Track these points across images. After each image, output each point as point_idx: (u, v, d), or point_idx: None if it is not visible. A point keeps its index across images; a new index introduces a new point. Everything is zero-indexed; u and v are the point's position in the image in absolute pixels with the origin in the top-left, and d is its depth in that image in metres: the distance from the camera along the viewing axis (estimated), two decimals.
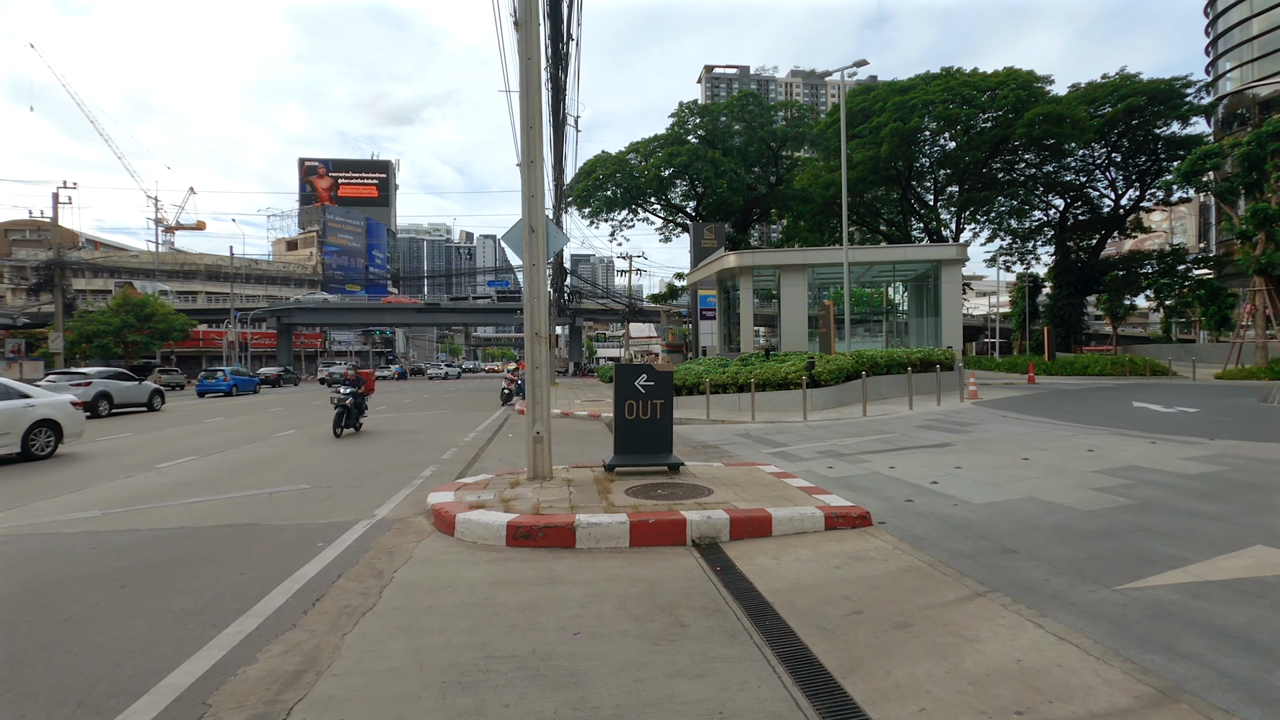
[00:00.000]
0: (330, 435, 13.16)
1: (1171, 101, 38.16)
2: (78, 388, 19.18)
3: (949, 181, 44.14)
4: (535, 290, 7.07)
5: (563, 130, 17.81)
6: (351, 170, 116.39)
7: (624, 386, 7.37)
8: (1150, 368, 24.24)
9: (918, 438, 9.85)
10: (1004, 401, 15.50)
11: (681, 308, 55.63)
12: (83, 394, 18.76)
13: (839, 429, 11.60)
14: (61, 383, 19.75)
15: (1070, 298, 45.26)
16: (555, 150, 17.81)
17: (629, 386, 7.37)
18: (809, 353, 17.84)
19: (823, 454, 9.07)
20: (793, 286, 21.05)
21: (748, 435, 11.71)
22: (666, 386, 7.47)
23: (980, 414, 12.56)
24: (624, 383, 7.38)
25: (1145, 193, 43.67)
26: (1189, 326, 69.10)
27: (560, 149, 19.55)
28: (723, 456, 9.42)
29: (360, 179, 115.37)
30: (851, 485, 7.00)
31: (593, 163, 36.73)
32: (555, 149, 16.80)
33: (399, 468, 9.17)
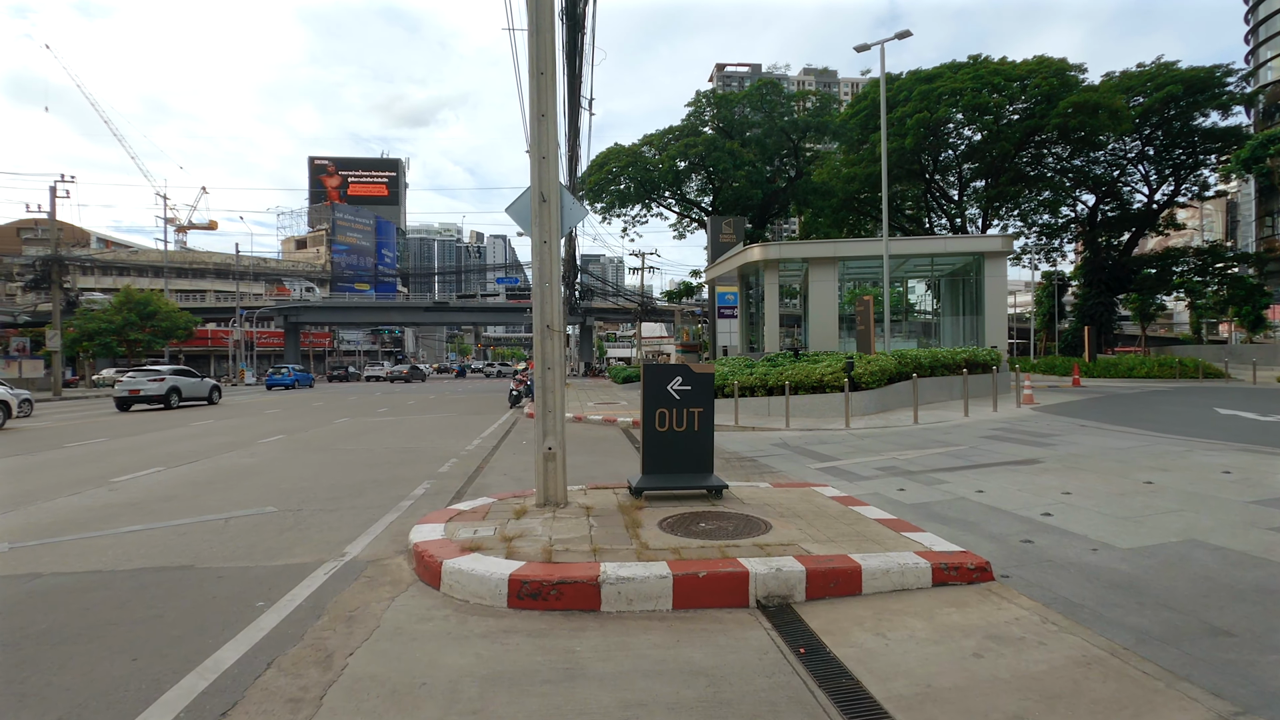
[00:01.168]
0: (323, 442, 11.94)
1: (1210, 91, 36.34)
2: (154, 382, 21.91)
3: (974, 176, 42.48)
4: (547, 272, 5.75)
5: (577, 114, 16.45)
6: (361, 169, 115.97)
7: (654, 392, 6.03)
8: (1203, 370, 22.59)
9: (993, 451, 8.45)
10: (1066, 407, 14.02)
11: (695, 306, 54.23)
12: (158, 388, 21.72)
13: (891, 439, 10.21)
14: (140, 378, 22.24)
15: (1100, 297, 43.43)
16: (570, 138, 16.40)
17: (660, 392, 6.04)
18: (840, 353, 16.43)
19: (885, 471, 7.69)
20: (821, 281, 19.59)
21: (785, 445, 10.34)
22: (706, 392, 6.13)
23: (1051, 422, 11.11)
24: (654, 387, 6.04)
25: (1180, 187, 41.82)
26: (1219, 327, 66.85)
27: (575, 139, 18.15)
28: (764, 473, 8.06)
29: (370, 177, 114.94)
30: (939, 516, 5.62)
31: (605, 155, 35.40)
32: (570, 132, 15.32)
33: (387, 484, 7.88)
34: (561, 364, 5.86)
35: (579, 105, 16.53)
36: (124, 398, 21.89)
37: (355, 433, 13.92)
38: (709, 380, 6.16)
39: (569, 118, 15.59)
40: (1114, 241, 45.16)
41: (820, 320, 19.50)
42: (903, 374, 14.15)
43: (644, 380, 6.08)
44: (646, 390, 6.06)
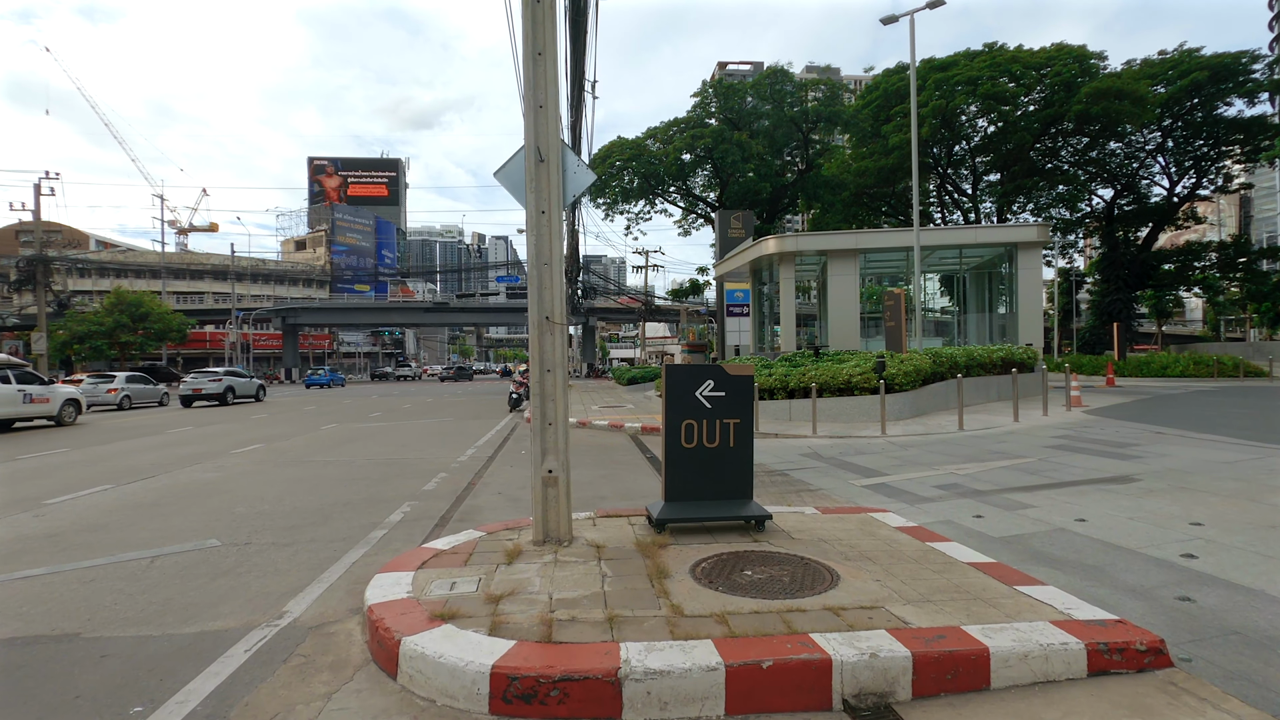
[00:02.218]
0: (301, 454, 10.81)
1: (1236, 78, 35.04)
2: (213, 382, 25.59)
3: (988, 169, 41.24)
4: (546, 250, 4.59)
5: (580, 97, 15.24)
6: (361, 169, 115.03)
7: (679, 399, 4.87)
8: (1244, 369, 21.31)
9: (1069, 465, 7.25)
10: (1123, 410, 12.78)
11: (700, 305, 53.04)
12: (216, 387, 25.51)
13: (939, 449, 9.01)
14: (202, 379, 25.87)
15: (1119, 293, 42.09)
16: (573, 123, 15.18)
17: (686, 399, 4.87)
18: (862, 352, 15.23)
19: (947, 490, 6.51)
20: (841, 275, 18.37)
21: (817, 455, 9.16)
22: (744, 399, 4.96)
23: (1119, 429, 9.86)
24: (678, 394, 4.87)
25: (1202, 180, 40.49)
26: (1238, 324, 65.46)
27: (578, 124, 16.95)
28: (802, 491, 6.88)
29: (369, 178, 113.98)
30: (1045, 556, 4.44)
31: (608, 148, 34.17)
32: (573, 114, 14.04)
33: (362, 506, 6.72)
34: (564, 364, 4.69)
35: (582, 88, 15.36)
36: (188, 395, 25.20)
37: (341, 440, 12.77)
38: (748, 385, 4.98)
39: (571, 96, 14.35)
40: (1132, 236, 43.85)
41: (840, 317, 18.27)
42: (938, 375, 12.94)
43: (666, 385, 4.90)
44: (670, 397, 4.89)
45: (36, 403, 16.31)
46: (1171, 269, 43.49)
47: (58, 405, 16.92)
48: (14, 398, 15.68)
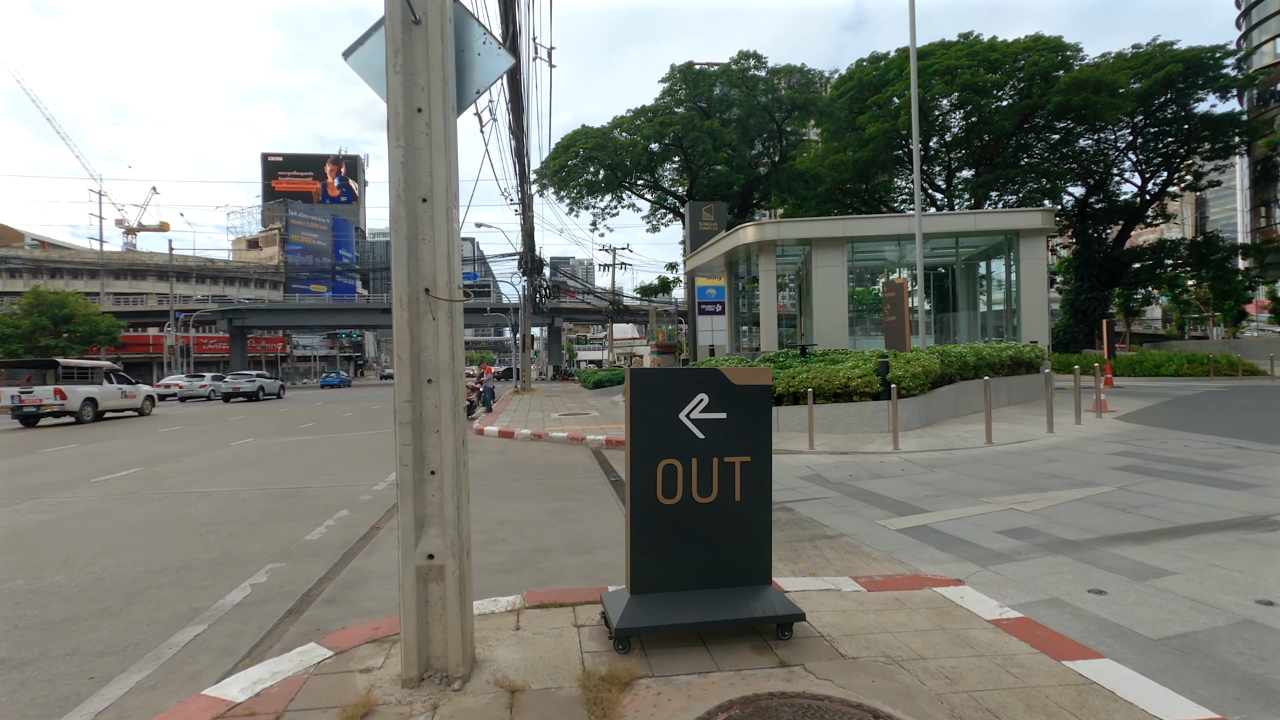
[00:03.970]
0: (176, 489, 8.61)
1: (1208, 73, 34.72)
2: (248, 383, 33.65)
3: (963, 165, 40.40)
4: (424, 179, 2.68)
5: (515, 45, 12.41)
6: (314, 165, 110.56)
7: (653, 424, 3.00)
8: (1241, 367, 20.36)
9: (1165, 499, 5.53)
10: (1160, 415, 11.27)
11: (669, 304, 51.29)
12: (251, 386, 33.55)
13: (974, 470, 7.29)
14: (240, 380, 33.88)
15: (1093, 291, 41.64)
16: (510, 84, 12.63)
17: (664, 424, 3.01)
18: (853, 350, 13.56)
19: (1020, 539, 4.76)
20: (828, 267, 16.67)
21: (821, 479, 7.37)
22: (758, 423, 3.11)
23: (1183, 442, 8.22)
24: (653, 415, 3.01)
25: (1173, 177, 40.29)
26: (1200, 323, 66.37)
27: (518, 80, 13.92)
28: (818, 540, 5.06)
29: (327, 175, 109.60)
30: (1255, 683, 2.64)
31: (571, 137, 32.08)
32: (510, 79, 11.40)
33: (200, 573, 4.69)
34: (457, 372, 2.74)
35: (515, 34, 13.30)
36: (228, 393, 33.13)
37: (245, 460, 10.55)
38: (763, 403, 3.12)
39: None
40: (1103, 234, 43.55)
41: (827, 313, 16.58)
42: (946, 377, 11.31)
43: (632, 401, 3.00)
44: (639, 422, 2.99)
45: (128, 398, 21.03)
46: (1141, 267, 43.29)
47: (141, 399, 21.64)
48: (114, 394, 20.46)
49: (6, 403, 18.21)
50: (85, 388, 19.22)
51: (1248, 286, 50.23)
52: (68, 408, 18.22)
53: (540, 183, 34.43)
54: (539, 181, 34.26)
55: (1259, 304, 62.33)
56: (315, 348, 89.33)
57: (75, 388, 18.79)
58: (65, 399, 18.16)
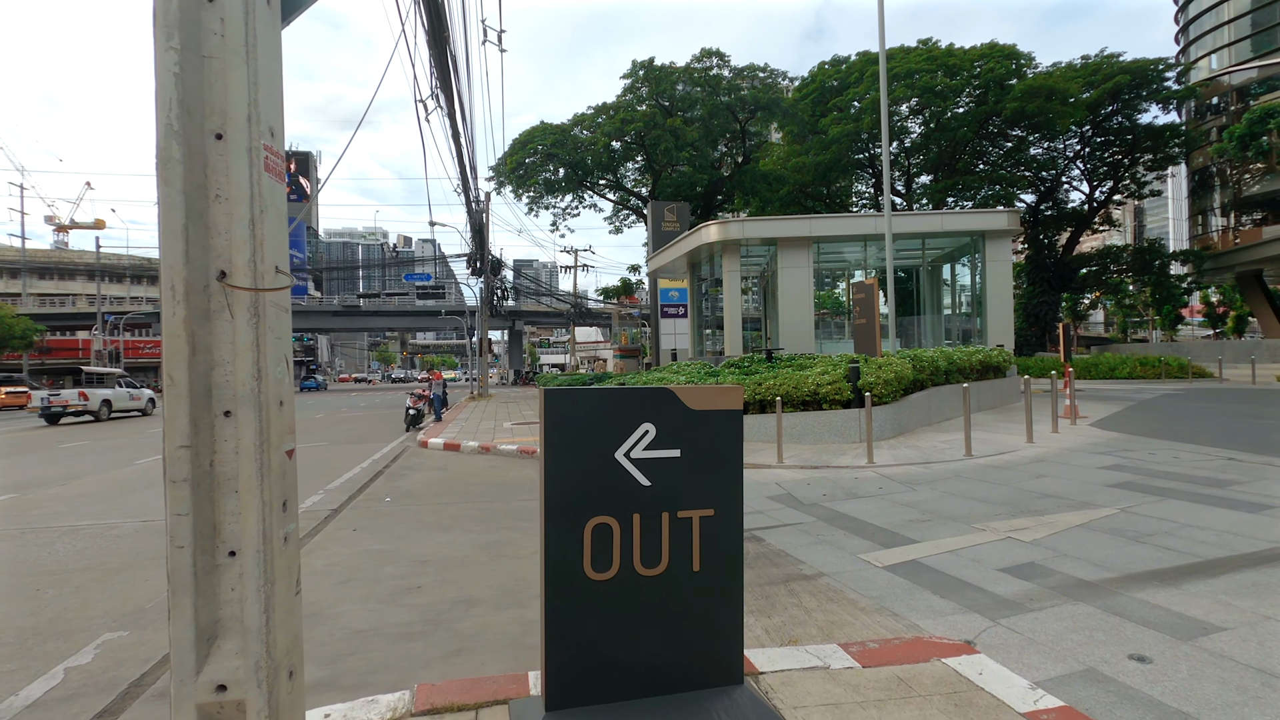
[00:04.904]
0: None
1: (1152, 85, 35.78)
2: None
3: (921, 170, 40.77)
4: (218, 103, 1.71)
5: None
6: None
7: (578, 464, 2.13)
8: (1191, 370, 20.63)
9: (1177, 523, 4.89)
10: (1131, 421, 10.90)
11: (633, 307, 50.50)
12: None
13: (958, 487, 6.64)
14: None
15: (1045, 295, 42.52)
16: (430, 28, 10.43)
17: (597, 465, 2.14)
18: (823, 355, 12.95)
19: (1027, 578, 4.08)
20: (794, 268, 16.07)
21: (793, 500, 6.62)
22: (726, 461, 2.25)
23: (1171, 453, 7.68)
24: (577, 449, 2.14)
25: (1118, 185, 41.47)
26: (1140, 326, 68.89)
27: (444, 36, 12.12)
28: (792, 580, 4.29)
29: None
30: None
31: (529, 134, 30.98)
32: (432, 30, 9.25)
33: (10, 650, 3.62)
34: (269, 399, 1.80)
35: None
36: None
37: (141, 484, 9.27)
38: (731, 430, 2.28)
39: None
40: (1054, 240, 44.58)
41: (792, 315, 15.99)
42: (918, 383, 10.76)
43: (547, 432, 2.12)
44: (555, 461, 2.12)
45: (135, 400, 24.43)
46: (1089, 272, 44.43)
47: (144, 401, 25.12)
48: (125, 396, 23.84)
49: (37, 403, 21.40)
50: (103, 391, 23.01)
51: (1184, 291, 52.33)
52: (89, 408, 21.72)
53: (497, 180, 33.24)
54: (495, 179, 33.06)
55: (1193, 308, 65.21)
56: None
57: (96, 391, 22.50)
58: (87, 400, 21.70)
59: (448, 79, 8.87)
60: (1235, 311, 57.65)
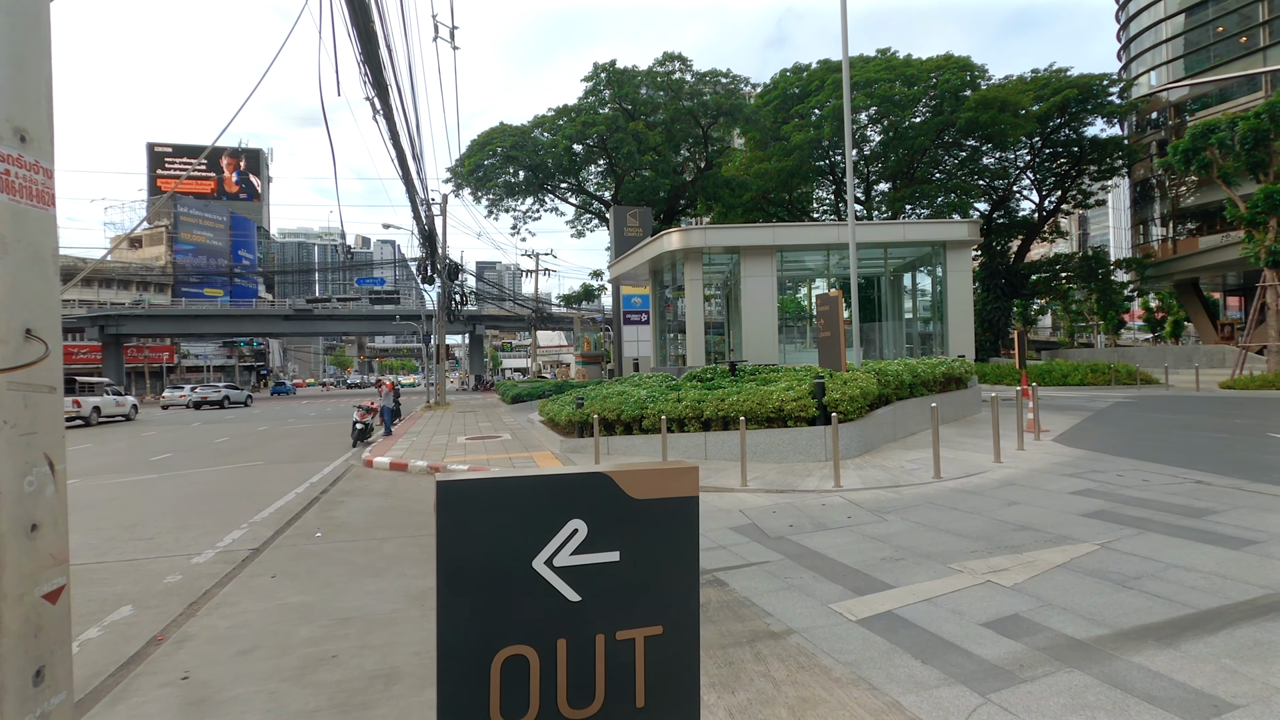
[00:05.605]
0: None
1: (1097, 100, 37.03)
2: (215, 393, 38.79)
3: (880, 178, 41.34)
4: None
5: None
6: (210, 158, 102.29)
7: (483, 577, 1.61)
8: (1139, 377, 21.15)
9: (1162, 564, 4.53)
10: (1091, 436, 10.83)
11: (597, 312, 49.92)
12: (217, 395, 38.62)
13: (930, 517, 6.31)
14: (207, 391, 39.36)
15: (998, 301, 43.59)
16: None
17: (508, 577, 1.64)
18: (787, 367, 12.66)
19: (1013, 636, 3.74)
20: (757, 277, 15.79)
21: (758, 532, 6.21)
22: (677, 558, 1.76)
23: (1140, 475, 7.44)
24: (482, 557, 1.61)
25: (1066, 195, 42.81)
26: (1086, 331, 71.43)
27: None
28: (757, 639, 3.86)
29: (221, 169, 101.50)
30: None
31: (488, 134, 30.14)
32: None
33: None
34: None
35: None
36: (197, 401, 37.45)
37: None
38: (685, 523, 1.80)
39: None
40: (1006, 248, 45.78)
41: (756, 325, 15.70)
42: (883, 397, 10.53)
43: (442, 535, 1.59)
44: (452, 574, 1.59)
45: (120, 407, 27.51)
46: (1039, 279, 45.73)
47: (128, 407, 28.21)
48: (111, 403, 26.98)
49: None
50: (93, 398, 26.12)
51: (1127, 298, 54.44)
52: (81, 414, 24.66)
53: (455, 182, 32.32)
54: (453, 181, 32.14)
55: (1134, 314, 68.01)
56: (209, 357, 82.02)
57: (87, 398, 25.65)
58: (80, 407, 24.73)
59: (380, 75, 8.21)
60: (1173, 317, 60.24)
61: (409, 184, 14.64)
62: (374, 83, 8.21)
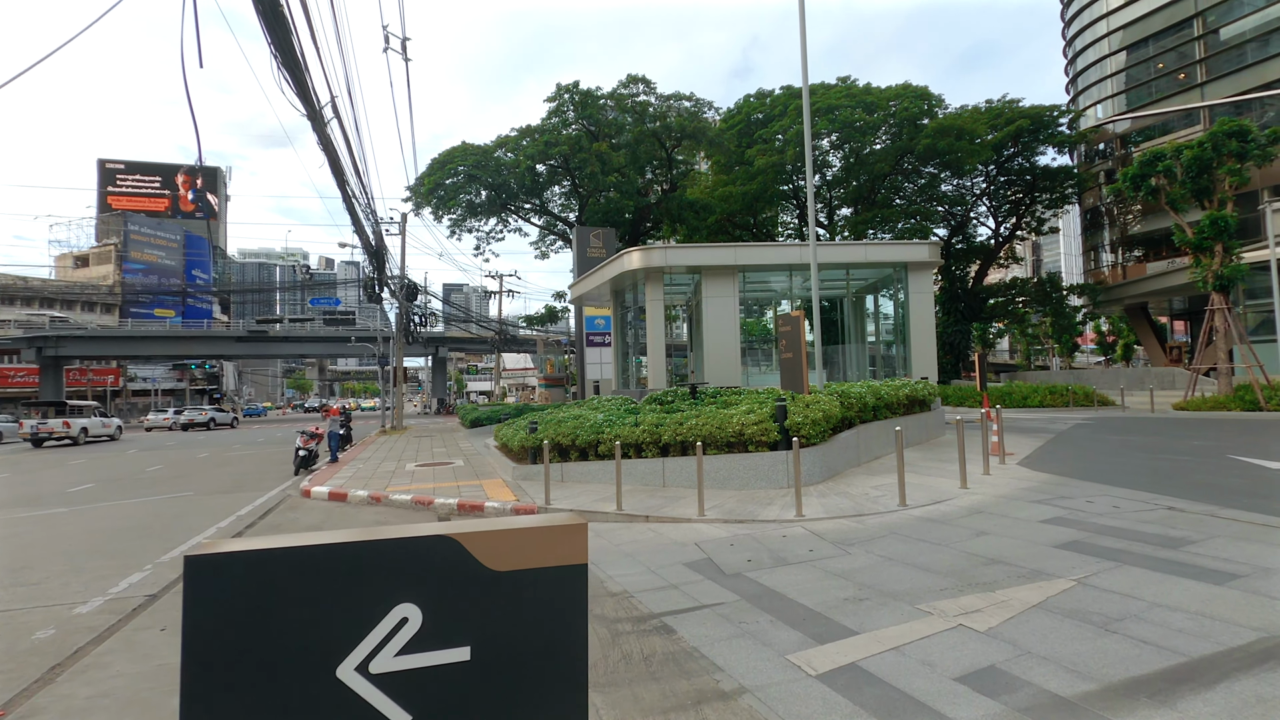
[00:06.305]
0: None
1: (1048, 130, 38.35)
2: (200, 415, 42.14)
3: (842, 203, 41.98)
4: None
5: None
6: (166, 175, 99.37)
7: (255, 695, 1.04)
8: (1096, 399, 21.44)
9: (1143, 604, 4.11)
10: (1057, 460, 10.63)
11: (561, 335, 49.26)
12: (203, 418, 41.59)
13: (895, 550, 5.91)
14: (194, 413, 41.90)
15: (958, 324, 44.38)
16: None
17: (298, 691, 1.06)
18: (750, 390, 12.30)
19: (981, 686, 3.35)
20: (719, 298, 15.46)
21: (713, 568, 5.73)
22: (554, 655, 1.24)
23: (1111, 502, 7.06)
24: (255, 662, 1.05)
25: (1021, 222, 44.08)
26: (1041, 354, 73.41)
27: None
28: (704, 701, 3.34)
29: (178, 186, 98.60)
30: None
31: (449, 154, 29.59)
32: None
33: None
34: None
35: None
36: (185, 423, 40.22)
37: None
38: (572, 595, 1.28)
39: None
40: (965, 272, 46.84)
41: (718, 346, 15.35)
42: (846, 420, 10.22)
43: (189, 636, 1.06)
44: (204, 692, 1.04)
45: (106, 428, 29.62)
46: (996, 303, 46.80)
47: (114, 428, 30.31)
48: (98, 424, 28.99)
49: (27, 430, 26.18)
50: (82, 420, 27.99)
51: (1081, 322, 56.15)
52: (70, 434, 26.49)
53: (414, 202, 31.63)
54: (412, 200, 31.44)
55: (1086, 337, 70.21)
56: (157, 380, 78.57)
57: (76, 420, 27.47)
58: (69, 427, 26.58)
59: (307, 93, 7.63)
60: (1123, 340, 62.28)
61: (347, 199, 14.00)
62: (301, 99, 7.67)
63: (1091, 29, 45.58)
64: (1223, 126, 20.01)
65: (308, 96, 7.67)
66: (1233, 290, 20.81)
